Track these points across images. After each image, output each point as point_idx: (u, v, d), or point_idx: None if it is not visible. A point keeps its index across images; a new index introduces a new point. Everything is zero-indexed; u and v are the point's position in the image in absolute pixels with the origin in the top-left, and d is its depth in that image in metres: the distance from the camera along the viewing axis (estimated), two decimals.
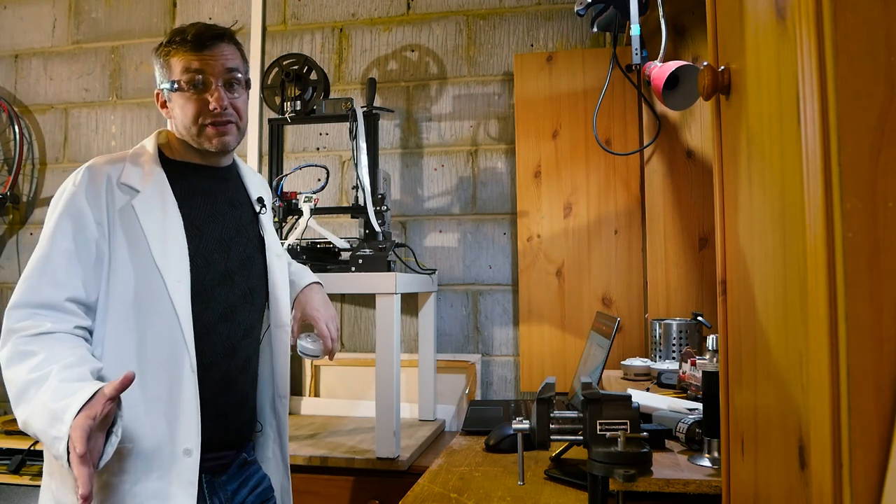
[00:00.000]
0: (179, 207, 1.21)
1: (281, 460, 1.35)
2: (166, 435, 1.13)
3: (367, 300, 2.28)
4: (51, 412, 0.99)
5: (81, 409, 0.97)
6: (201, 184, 1.27)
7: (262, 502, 1.31)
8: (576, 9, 1.85)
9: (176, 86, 1.20)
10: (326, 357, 1.39)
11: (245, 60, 1.28)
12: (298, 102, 1.92)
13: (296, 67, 1.93)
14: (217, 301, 1.23)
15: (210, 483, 1.21)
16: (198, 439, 1.14)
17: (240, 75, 1.24)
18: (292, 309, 1.43)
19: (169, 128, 1.29)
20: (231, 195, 1.32)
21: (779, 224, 0.59)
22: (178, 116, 1.23)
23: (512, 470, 1.39)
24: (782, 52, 0.57)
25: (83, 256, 1.13)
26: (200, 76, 1.20)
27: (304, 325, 1.42)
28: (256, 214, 1.35)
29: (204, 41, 1.20)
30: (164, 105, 1.26)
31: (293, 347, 1.40)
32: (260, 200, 1.36)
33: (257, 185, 1.41)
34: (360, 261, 1.76)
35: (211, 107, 1.20)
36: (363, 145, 1.86)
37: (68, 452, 0.96)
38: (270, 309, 1.35)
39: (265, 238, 1.35)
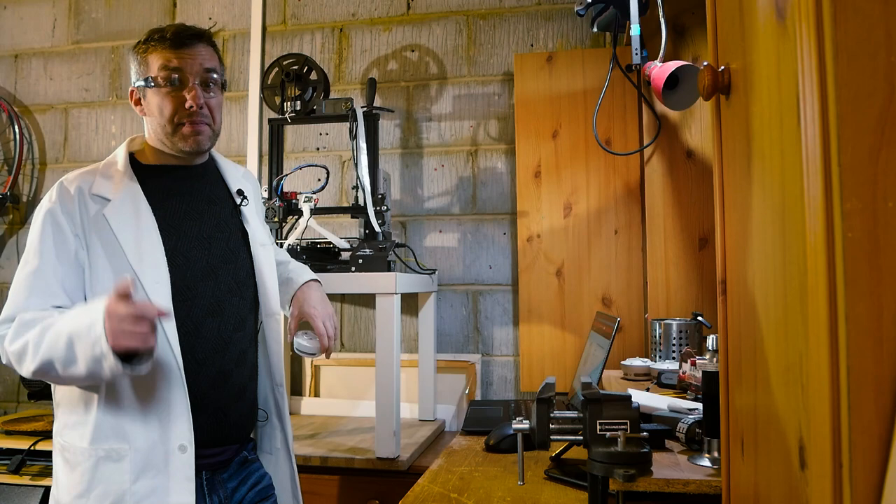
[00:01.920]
0: (154, 210, 1.22)
1: (287, 450, 1.36)
2: (160, 433, 1.15)
3: (367, 300, 2.28)
4: (76, 318, 1.07)
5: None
6: (175, 184, 1.28)
7: (263, 500, 1.31)
8: (576, 9, 1.85)
9: (152, 82, 1.21)
10: (323, 355, 1.39)
11: (221, 62, 1.30)
12: (298, 102, 1.92)
13: (296, 67, 1.93)
14: (202, 297, 1.23)
15: (210, 480, 1.22)
16: (191, 435, 1.15)
17: (216, 76, 1.25)
18: (289, 306, 1.43)
19: (144, 128, 1.29)
20: (208, 192, 1.32)
21: (779, 224, 0.59)
22: (154, 114, 1.23)
23: (512, 470, 1.39)
24: (782, 52, 0.57)
25: (66, 268, 1.16)
26: (177, 74, 1.21)
27: (303, 324, 1.42)
28: (237, 207, 1.35)
29: (182, 39, 1.22)
30: (137, 103, 1.27)
31: (290, 345, 1.41)
32: (240, 192, 1.36)
33: (239, 178, 1.40)
34: (360, 261, 1.76)
35: (187, 105, 1.21)
36: (363, 145, 1.86)
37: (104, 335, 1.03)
38: (259, 299, 1.35)
39: (247, 230, 1.35)
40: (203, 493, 1.21)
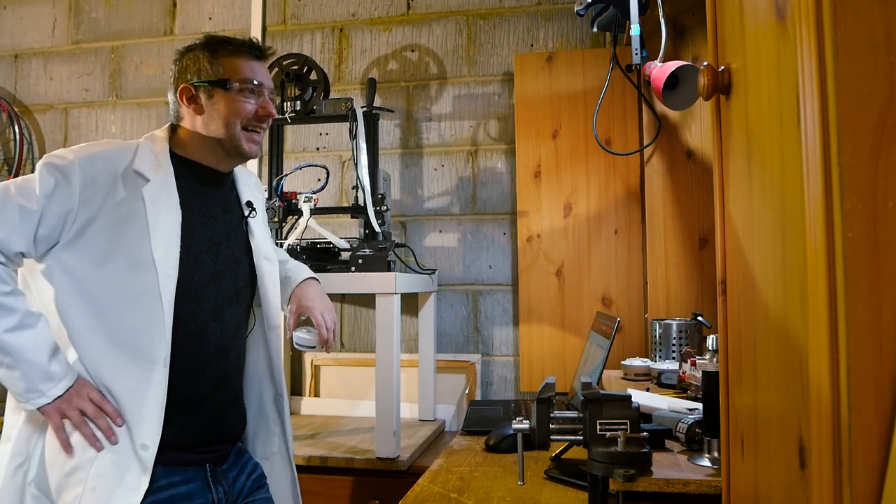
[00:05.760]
0: (180, 205, 1.22)
1: (287, 454, 1.37)
2: (127, 425, 1.14)
3: (367, 300, 2.28)
4: (45, 354, 1.10)
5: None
6: (200, 184, 1.28)
7: (258, 488, 1.33)
8: (576, 9, 1.85)
9: (230, 85, 1.23)
10: (324, 349, 1.39)
11: None
12: (298, 102, 1.92)
13: (296, 67, 1.93)
14: (207, 300, 1.24)
15: (213, 472, 1.24)
16: (157, 436, 1.14)
17: (274, 95, 1.33)
18: (288, 304, 1.44)
19: (186, 124, 1.27)
20: (225, 198, 1.33)
21: (779, 224, 0.59)
22: (220, 114, 1.24)
23: (512, 470, 1.39)
24: (782, 52, 0.57)
25: (52, 220, 1.12)
26: (256, 85, 1.26)
27: (302, 322, 1.42)
28: (245, 217, 1.36)
29: (259, 54, 1.29)
30: (192, 101, 1.25)
31: (290, 341, 1.41)
32: (249, 204, 1.37)
33: (251, 187, 1.42)
34: (360, 261, 1.76)
35: (263, 112, 1.26)
36: (363, 145, 1.86)
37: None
38: (263, 311, 1.36)
39: (252, 241, 1.35)
40: (208, 484, 1.22)
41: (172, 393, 1.16)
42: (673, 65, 1.61)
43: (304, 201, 1.85)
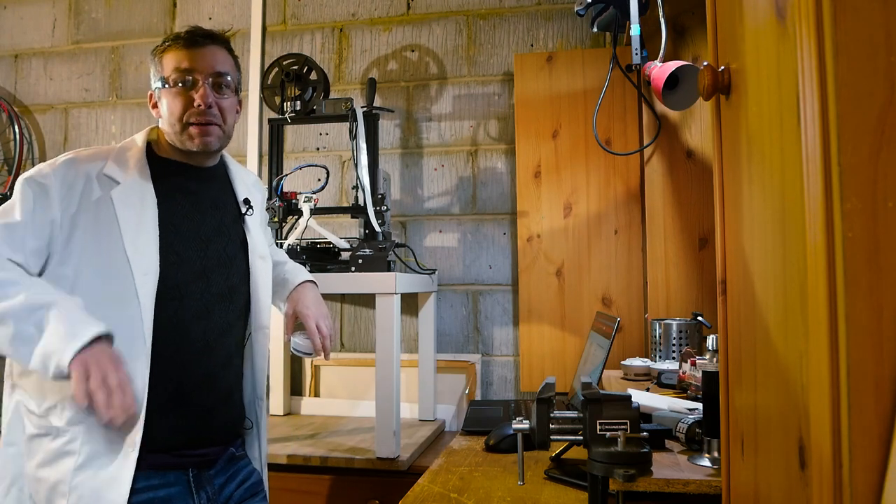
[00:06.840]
0: (158, 204, 1.21)
1: (261, 459, 1.36)
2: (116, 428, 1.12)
3: (367, 300, 2.28)
4: (64, 314, 1.05)
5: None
6: (185, 183, 1.27)
7: (252, 496, 1.30)
8: (576, 9, 1.85)
9: (165, 83, 1.22)
10: (321, 356, 1.39)
11: (237, 67, 1.30)
12: (298, 102, 1.92)
13: (296, 67, 1.93)
14: (191, 298, 1.22)
15: (197, 477, 1.21)
16: (141, 432, 1.12)
17: (229, 78, 1.26)
18: (284, 306, 1.43)
19: (160, 125, 1.29)
20: (214, 195, 1.32)
21: (779, 224, 0.59)
22: (165, 114, 1.24)
23: (512, 470, 1.39)
24: (782, 52, 0.57)
25: (37, 230, 1.13)
26: (189, 75, 1.22)
27: (300, 324, 1.42)
28: (241, 215, 1.35)
29: (196, 39, 1.23)
30: (155, 106, 1.28)
31: (288, 344, 1.42)
32: (246, 202, 1.36)
33: (249, 185, 1.40)
34: (360, 261, 1.76)
35: (196, 104, 1.21)
36: (363, 145, 1.86)
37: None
38: (251, 311, 1.34)
39: (248, 239, 1.34)
40: (190, 489, 1.19)
41: (155, 391, 1.14)
42: (673, 65, 1.61)
43: (304, 201, 1.85)
